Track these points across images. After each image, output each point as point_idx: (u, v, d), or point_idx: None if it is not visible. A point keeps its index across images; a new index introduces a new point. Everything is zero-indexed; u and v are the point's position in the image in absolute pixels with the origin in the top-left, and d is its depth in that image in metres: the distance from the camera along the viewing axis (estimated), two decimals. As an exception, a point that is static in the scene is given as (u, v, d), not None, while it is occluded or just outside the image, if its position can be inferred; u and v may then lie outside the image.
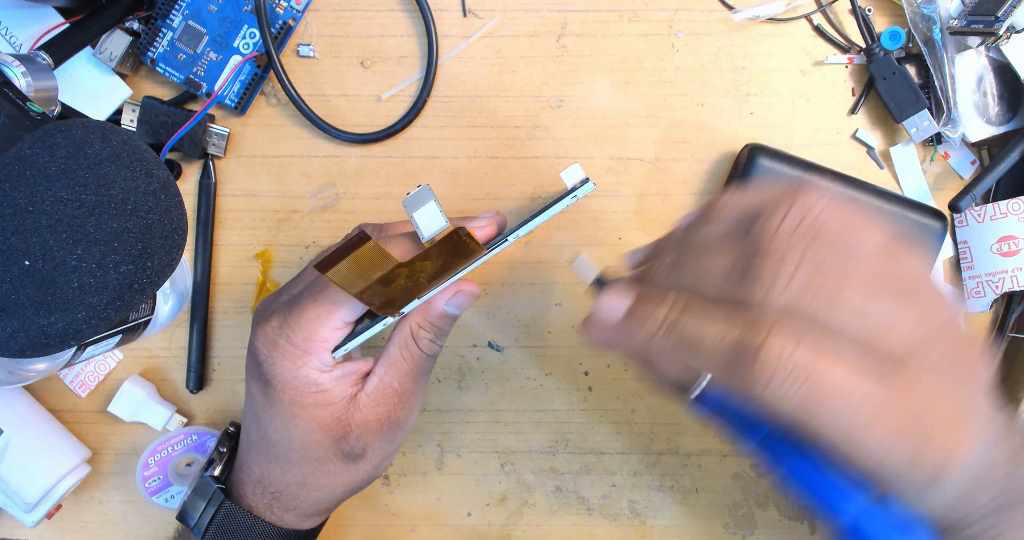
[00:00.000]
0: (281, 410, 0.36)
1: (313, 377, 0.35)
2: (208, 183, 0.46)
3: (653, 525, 0.47)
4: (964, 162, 0.46)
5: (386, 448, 0.38)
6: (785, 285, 0.24)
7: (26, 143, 0.28)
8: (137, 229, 0.30)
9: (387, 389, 0.37)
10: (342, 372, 0.36)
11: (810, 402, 0.23)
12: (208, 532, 0.38)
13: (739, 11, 0.44)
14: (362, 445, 0.36)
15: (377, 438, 0.37)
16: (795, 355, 0.23)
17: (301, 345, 0.35)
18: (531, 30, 0.45)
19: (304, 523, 0.39)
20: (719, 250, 0.27)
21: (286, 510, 0.38)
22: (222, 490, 0.39)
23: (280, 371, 0.35)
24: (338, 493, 0.38)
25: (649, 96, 0.45)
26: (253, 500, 0.38)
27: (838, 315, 0.24)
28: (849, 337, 0.24)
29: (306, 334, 0.34)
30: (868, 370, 0.24)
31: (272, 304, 0.37)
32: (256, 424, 0.37)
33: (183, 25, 0.44)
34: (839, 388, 0.23)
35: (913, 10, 0.43)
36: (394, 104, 0.46)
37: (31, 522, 0.44)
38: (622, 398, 0.47)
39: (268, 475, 0.38)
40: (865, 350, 0.24)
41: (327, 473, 0.37)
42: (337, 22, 0.45)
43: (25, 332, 0.28)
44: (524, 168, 0.46)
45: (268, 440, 0.37)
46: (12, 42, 0.42)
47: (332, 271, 0.30)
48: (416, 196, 0.33)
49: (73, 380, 0.47)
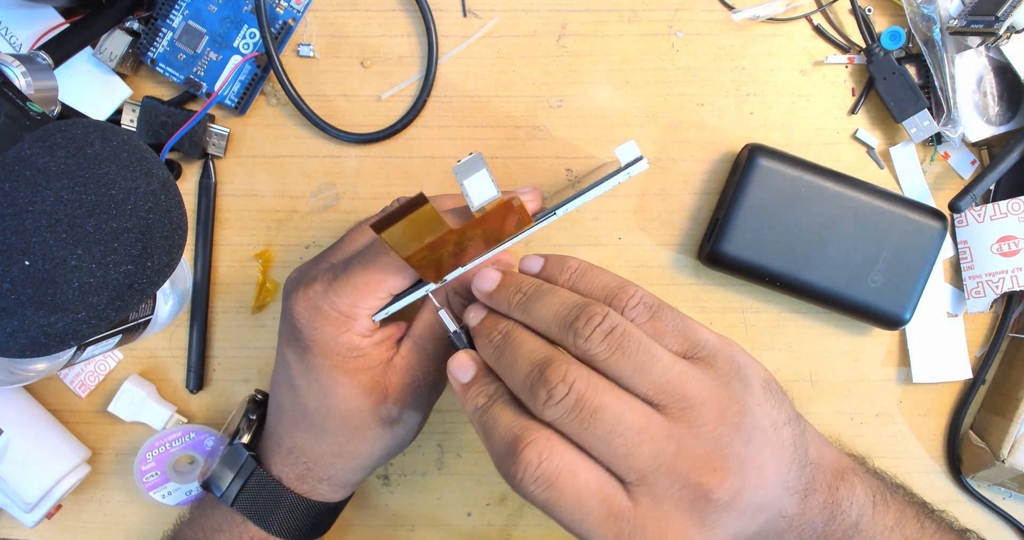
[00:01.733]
0: (321, 377, 0.36)
1: (355, 342, 0.35)
2: (208, 183, 0.46)
3: (653, 525, 0.47)
4: (964, 162, 0.46)
5: (420, 411, 0.38)
6: (556, 402, 0.29)
7: (26, 143, 0.28)
8: (137, 229, 0.30)
9: (421, 352, 0.37)
10: (381, 337, 0.36)
11: (550, 502, 0.29)
12: (238, 500, 0.38)
13: (739, 11, 0.44)
14: (399, 409, 0.37)
15: (412, 401, 0.37)
16: (542, 465, 0.28)
17: (347, 311, 0.35)
18: (531, 30, 0.45)
19: (336, 494, 0.39)
20: (534, 339, 0.31)
21: (319, 480, 0.38)
22: (254, 457, 0.39)
23: (322, 336, 0.35)
24: (374, 459, 0.38)
25: (649, 96, 0.45)
26: (283, 470, 0.38)
27: (592, 436, 0.29)
28: (598, 454, 0.29)
29: (352, 300, 0.34)
30: (606, 483, 0.29)
31: (312, 270, 0.37)
32: (291, 392, 0.37)
33: (183, 25, 0.44)
34: (574, 496, 0.29)
35: (913, 10, 0.43)
36: (394, 104, 0.46)
37: (31, 522, 0.44)
38: (622, 398, 0.47)
39: (302, 444, 0.38)
40: (611, 466, 0.29)
41: (364, 440, 0.37)
42: (337, 22, 0.45)
43: (25, 332, 0.28)
44: (524, 168, 0.46)
45: (303, 409, 0.37)
46: (12, 42, 0.42)
47: (387, 232, 0.30)
48: (467, 164, 0.33)
49: (73, 380, 0.47)
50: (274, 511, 0.38)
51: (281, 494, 0.38)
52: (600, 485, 0.29)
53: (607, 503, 0.29)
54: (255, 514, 0.38)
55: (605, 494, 0.29)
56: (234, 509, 0.39)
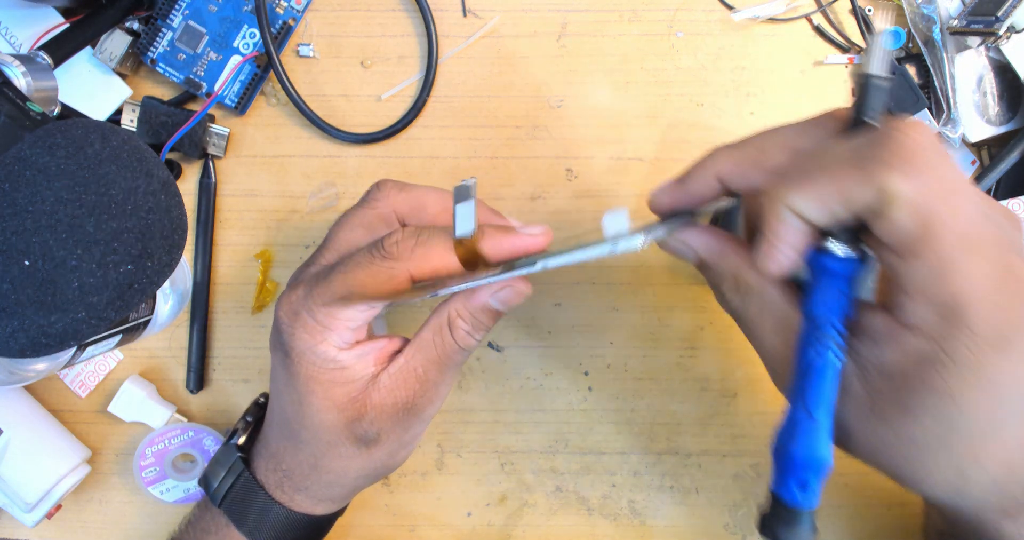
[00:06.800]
0: (298, 385, 0.34)
1: (331, 354, 0.33)
2: (208, 183, 0.46)
3: (653, 525, 0.47)
4: (964, 162, 0.46)
5: (401, 436, 0.36)
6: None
7: (26, 143, 0.28)
8: (137, 229, 0.30)
9: (410, 373, 0.34)
10: (363, 350, 0.34)
11: (954, 189, 0.25)
12: (224, 502, 0.37)
13: (739, 11, 0.44)
14: (376, 429, 0.34)
15: (392, 424, 0.35)
16: (938, 140, 0.25)
17: (322, 321, 0.33)
18: (531, 30, 0.45)
19: (316, 507, 0.38)
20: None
21: (297, 490, 0.37)
22: (243, 460, 0.38)
23: (300, 344, 0.33)
24: (349, 478, 0.36)
25: (649, 96, 0.45)
26: (265, 476, 0.37)
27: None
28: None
29: (328, 311, 0.33)
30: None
31: (302, 274, 0.36)
32: (277, 398, 0.36)
33: (183, 25, 0.44)
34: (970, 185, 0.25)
35: (913, 10, 0.43)
36: (394, 104, 0.46)
37: (31, 522, 0.44)
38: (622, 398, 0.47)
39: (283, 452, 0.37)
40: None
41: (338, 457, 0.35)
42: (337, 22, 0.45)
43: (25, 332, 0.28)
44: (524, 168, 0.46)
45: (284, 415, 0.36)
46: (12, 42, 0.42)
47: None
48: (462, 189, 0.32)
49: (73, 380, 0.47)
50: (253, 516, 0.37)
51: (261, 499, 0.37)
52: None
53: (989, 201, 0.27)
54: (236, 517, 0.37)
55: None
56: (220, 511, 0.38)
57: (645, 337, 0.46)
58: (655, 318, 0.46)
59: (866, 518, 0.46)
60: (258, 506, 0.37)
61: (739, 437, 0.47)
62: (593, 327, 0.46)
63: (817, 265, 0.28)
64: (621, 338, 0.46)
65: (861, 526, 0.46)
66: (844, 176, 0.26)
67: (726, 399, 0.46)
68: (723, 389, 0.46)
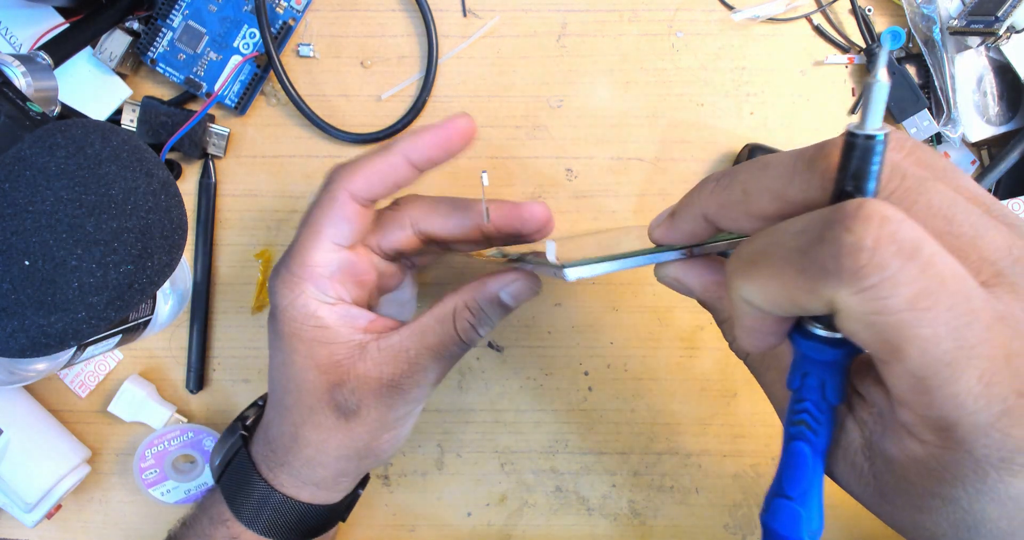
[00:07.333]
0: (283, 345, 0.35)
1: (312, 308, 0.34)
2: (208, 183, 0.46)
3: (653, 525, 0.47)
4: (964, 162, 0.46)
5: (384, 415, 0.35)
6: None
7: (26, 143, 0.28)
8: (137, 229, 0.30)
9: (401, 353, 0.34)
10: (348, 311, 0.35)
11: (925, 293, 0.19)
12: (223, 479, 0.37)
13: (739, 11, 0.44)
14: (356, 399, 0.34)
15: (374, 399, 0.34)
16: (903, 226, 0.19)
17: (297, 271, 0.34)
18: (531, 30, 0.45)
19: (301, 492, 0.36)
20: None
21: (280, 465, 0.36)
22: (244, 437, 0.38)
23: (280, 300, 0.34)
24: (330, 456, 0.35)
25: (649, 96, 0.45)
26: (255, 450, 0.37)
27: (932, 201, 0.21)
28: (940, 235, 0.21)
29: (300, 259, 0.34)
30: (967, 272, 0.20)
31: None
32: (270, 370, 0.36)
33: (183, 25, 0.44)
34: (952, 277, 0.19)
35: (913, 10, 0.43)
36: (394, 104, 0.46)
37: (31, 522, 0.44)
38: (622, 398, 0.47)
39: (268, 422, 0.37)
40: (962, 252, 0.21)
41: (317, 425, 0.35)
42: (337, 22, 0.45)
43: (25, 332, 0.28)
44: (524, 168, 0.46)
45: (273, 383, 0.36)
46: (12, 42, 0.42)
47: None
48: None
49: (73, 380, 0.47)
50: (242, 494, 0.36)
51: (248, 475, 0.36)
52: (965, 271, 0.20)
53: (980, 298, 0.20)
54: (228, 494, 0.37)
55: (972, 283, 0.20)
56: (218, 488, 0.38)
57: (645, 337, 0.46)
58: (655, 318, 0.46)
59: (866, 518, 0.46)
60: (246, 483, 0.36)
61: (739, 437, 0.47)
62: (593, 327, 0.46)
63: (796, 345, 0.25)
64: (621, 338, 0.46)
65: (861, 526, 0.46)
66: (790, 280, 0.21)
67: (726, 399, 0.46)
68: (723, 389, 0.46)
